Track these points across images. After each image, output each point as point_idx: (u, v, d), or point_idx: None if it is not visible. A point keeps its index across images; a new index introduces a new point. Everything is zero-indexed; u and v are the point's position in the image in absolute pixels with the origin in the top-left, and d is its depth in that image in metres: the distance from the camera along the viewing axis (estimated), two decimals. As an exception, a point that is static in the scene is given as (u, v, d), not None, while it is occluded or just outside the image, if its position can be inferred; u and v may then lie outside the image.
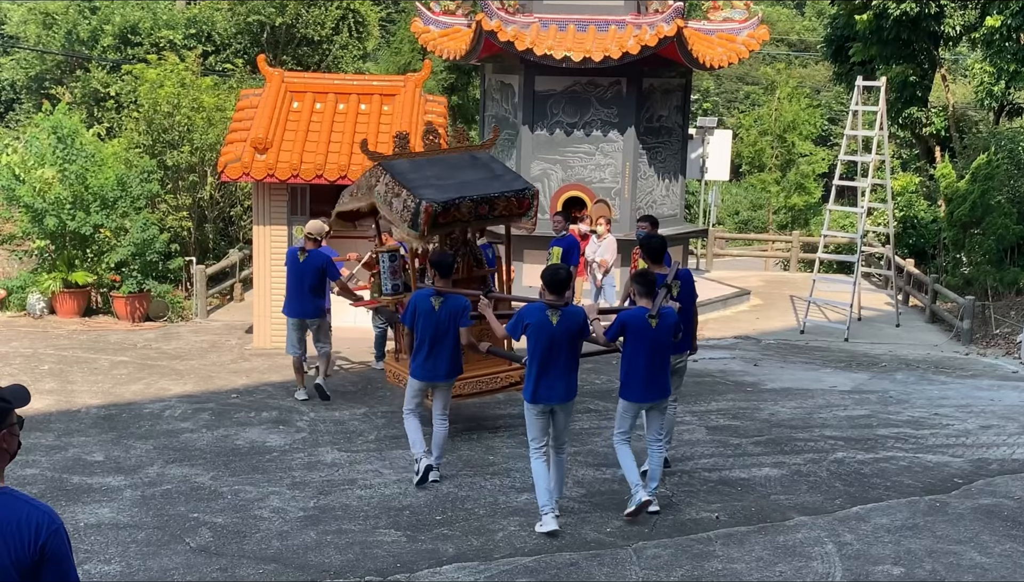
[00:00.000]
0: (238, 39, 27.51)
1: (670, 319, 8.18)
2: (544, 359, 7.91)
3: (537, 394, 7.97)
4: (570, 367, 8.04)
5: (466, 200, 9.74)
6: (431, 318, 8.88)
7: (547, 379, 7.94)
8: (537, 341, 7.91)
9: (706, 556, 7.63)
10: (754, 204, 39.48)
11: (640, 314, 8.11)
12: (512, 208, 10.14)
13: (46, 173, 16.42)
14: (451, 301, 8.97)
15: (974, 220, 18.84)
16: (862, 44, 23.07)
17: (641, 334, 8.08)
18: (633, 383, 8.20)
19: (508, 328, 8.31)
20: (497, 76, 18.45)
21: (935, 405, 12.24)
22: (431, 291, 9.00)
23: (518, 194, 10.10)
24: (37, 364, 13.31)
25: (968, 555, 7.78)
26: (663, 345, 8.18)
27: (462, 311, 8.98)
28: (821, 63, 39.88)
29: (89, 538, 7.78)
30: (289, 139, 14.08)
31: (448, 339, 8.95)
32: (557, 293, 7.98)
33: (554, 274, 8.07)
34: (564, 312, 7.95)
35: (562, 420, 8.16)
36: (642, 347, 8.09)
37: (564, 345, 7.95)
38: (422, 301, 8.95)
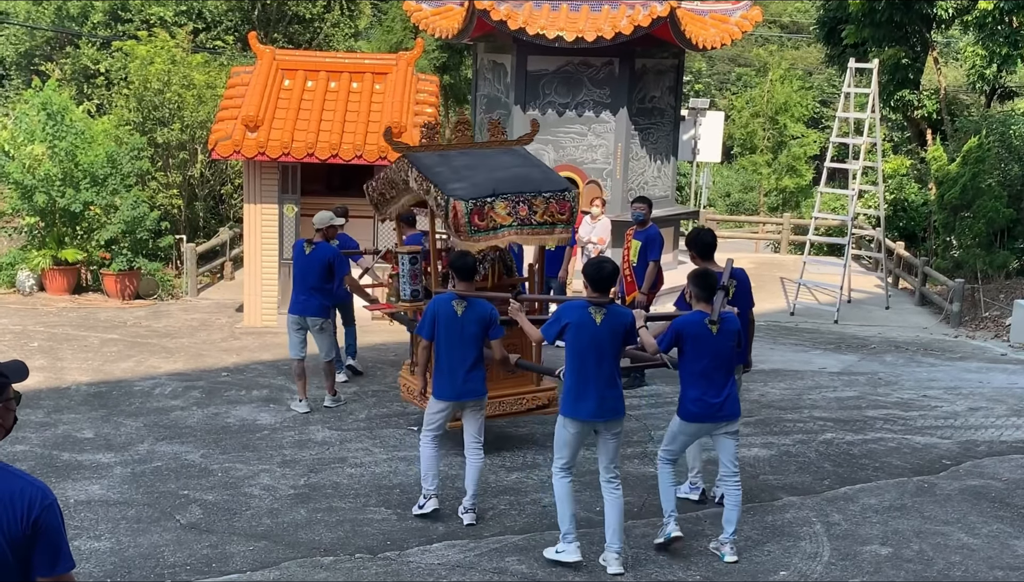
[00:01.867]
0: (229, 16, 27.37)
1: (732, 325, 7.17)
2: (589, 365, 6.90)
3: (578, 407, 6.93)
4: (615, 375, 7.01)
5: (500, 199, 8.63)
6: (454, 325, 7.70)
7: (595, 390, 6.89)
8: (580, 344, 6.91)
9: (695, 535, 7.67)
10: (745, 186, 39.48)
11: (698, 319, 7.09)
12: (553, 213, 8.88)
13: (36, 150, 16.34)
14: (477, 307, 7.80)
15: (964, 203, 18.88)
16: (854, 26, 23.04)
17: (702, 343, 7.05)
18: (696, 401, 7.13)
19: (543, 329, 7.31)
20: (489, 55, 18.40)
21: (924, 387, 12.30)
22: (452, 295, 7.84)
23: (558, 195, 8.93)
24: (27, 341, 13.29)
25: (955, 536, 7.83)
26: (727, 355, 7.14)
27: (490, 319, 7.80)
28: (813, 45, 39.85)
29: (79, 515, 7.78)
30: (280, 117, 14.03)
31: (473, 349, 7.76)
32: (602, 290, 7.06)
33: (599, 268, 7.08)
34: (610, 310, 6.96)
35: (612, 444, 7.06)
36: (703, 357, 7.06)
37: (609, 349, 6.95)
38: (443, 306, 7.75)
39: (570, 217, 9.05)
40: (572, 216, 9.08)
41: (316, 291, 10.47)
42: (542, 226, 8.90)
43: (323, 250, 10.50)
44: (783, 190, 34.98)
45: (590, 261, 7.31)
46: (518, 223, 8.75)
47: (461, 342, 7.72)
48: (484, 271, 9.46)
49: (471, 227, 8.53)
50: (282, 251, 14.03)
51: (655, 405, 11.09)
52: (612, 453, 7.07)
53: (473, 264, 8.08)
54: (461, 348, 7.72)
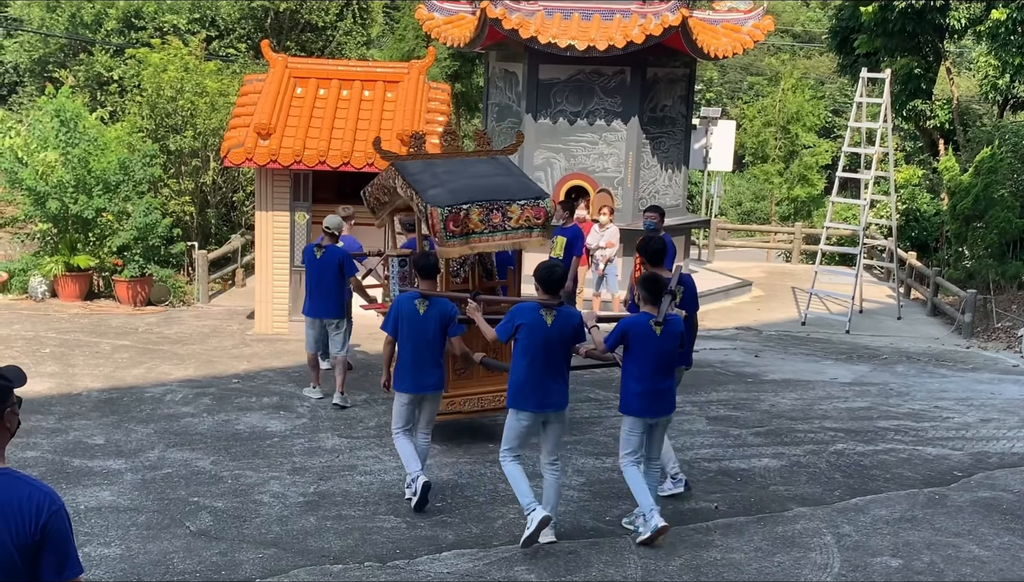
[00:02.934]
0: (242, 24, 27.45)
1: (676, 327, 7.58)
2: (538, 363, 7.39)
3: (529, 400, 7.44)
4: (564, 372, 7.55)
5: (474, 205, 9.02)
6: (415, 323, 8.15)
7: (540, 385, 7.42)
8: (530, 343, 7.40)
9: (705, 545, 7.65)
10: (757, 195, 39.44)
11: (643, 320, 7.51)
12: (528, 218, 9.29)
13: (49, 156, 16.40)
14: (438, 305, 8.25)
15: (977, 213, 18.83)
16: (867, 36, 23.02)
17: (645, 342, 7.46)
18: (639, 396, 7.54)
19: (498, 329, 7.67)
20: (501, 64, 18.43)
21: (935, 398, 12.26)
22: (415, 294, 8.29)
23: (532, 202, 9.29)
24: (39, 347, 13.33)
25: (966, 548, 7.80)
26: (669, 354, 7.55)
27: (450, 317, 8.27)
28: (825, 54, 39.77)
29: (89, 521, 7.80)
30: (292, 125, 14.06)
31: (435, 347, 8.22)
32: (551, 292, 7.51)
33: (549, 271, 7.55)
34: (559, 312, 7.47)
35: (556, 432, 7.63)
36: (647, 356, 7.47)
37: (558, 347, 7.46)
38: (406, 305, 8.23)
39: (545, 222, 9.42)
40: (548, 221, 9.46)
41: (333, 292, 10.95)
42: (517, 230, 9.32)
43: (333, 253, 10.94)
44: (795, 199, 34.93)
45: (541, 264, 7.72)
46: (490, 230, 9.18)
47: (423, 339, 8.17)
48: (464, 274, 10.04)
49: (446, 233, 8.95)
50: (293, 258, 14.05)
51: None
52: (556, 440, 7.66)
53: (435, 264, 8.50)
54: (422, 345, 8.18)
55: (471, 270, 10.09)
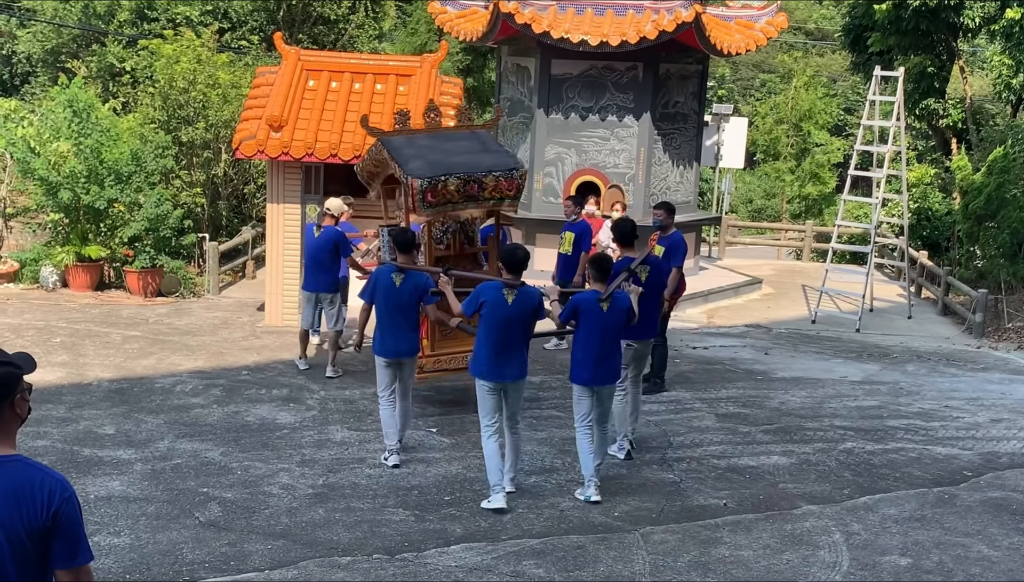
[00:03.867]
0: (254, 16, 27.46)
1: (622, 303, 8.23)
2: (498, 338, 8.05)
3: (489, 370, 8.11)
4: (522, 347, 8.20)
5: (452, 178, 9.67)
6: (391, 293, 8.86)
7: (500, 358, 8.06)
8: (492, 319, 8.06)
9: (713, 542, 7.65)
10: (768, 192, 39.34)
11: (592, 297, 8.20)
12: (502, 189, 9.97)
13: (61, 146, 16.44)
14: (412, 277, 8.96)
15: (989, 213, 18.77)
16: (880, 34, 22.94)
17: (592, 316, 8.14)
18: (583, 366, 8.23)
19: (464, 305, 8.38)
20: (513, 59, 18.41)
21: (946, 397, 12.23)
22: (392, 267, 9.00)
23: (506, 174, 9.95)
24: (49, 337, 13.36)
25: (976, 547, 7.78)
26: (614, 329, 8.22)
27: (424, 288, 8.99)
28: (838, 52, 39.66)
29: (99, 510, 7.82)
30: (304, 117, 14.06)
31: (409, 315, 8.95)
32: (514, 272, 8.15)
33: (512, 254, 8.24)
34: (520, 292, 8.10)
35: (515, 398, 8.31)
36: (593, 330, 8.15)
37: (518, 325, 8.11)
38: (383, 277, 8.94)
39: (517, 193, 10.12)
40: (519, 192, 10.15)
41: (328, 269, 11.76)
42: (489, 200, 10.05)
43: (330, 232, 11.68)
44: (806, 197, 34.84)
45: (505, 247, 8.61)
46: (465, 199, 9.87)
47: (398, 308, 8.89)
48: (447, 241, 10.64)
49: (424, 203, 9.63)
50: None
51: (675, 411, 11.06)
52: (515, 406, 8.35)
53: (412, 239, 9.27)
54: (398, 313, 8.90)
55: (453, 237, 10.71)
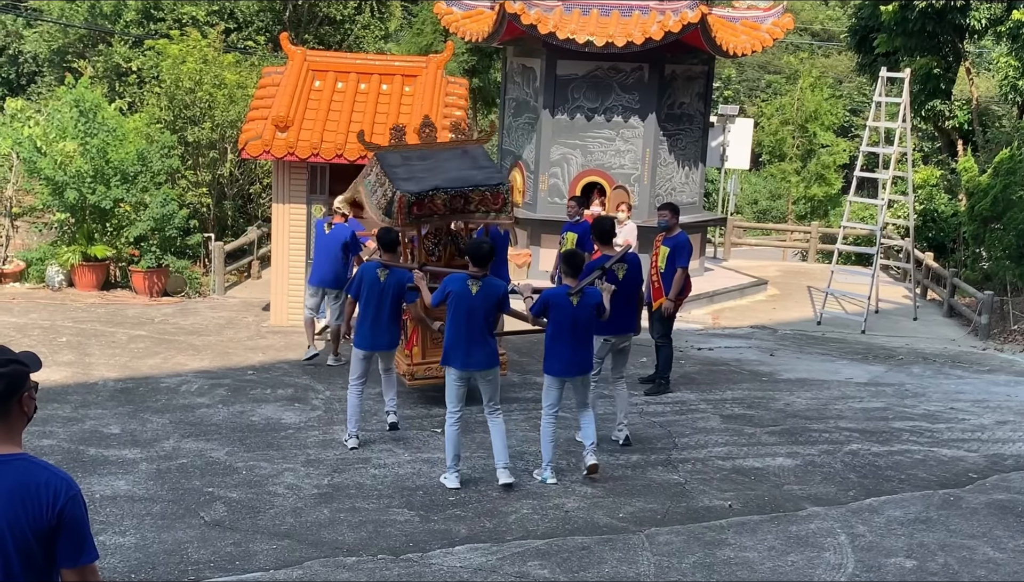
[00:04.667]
0: (260, 17, 27.49)
1: (592, 299, 8.54)
2: (462, 326, 8.37)
3: (454, 357, 8.42)
4: (486, 335, 8.46)
5: (440, 193, 10.13)
6: (375, 288, 9.37)
7: (465, 346, 8.37)
8: (456, 309, 8.38)
9: (718, 544, 7.64)
10: (773, 194, 39.32)
11: (562, 292, 8.53)
12: (487, 203, 10.42)
13: (67, 146, 16.46)
14: (395, 274, 9.48)
15: (995, 215, 18.72)
16: (887, 35, 22.92)
17: (562, 311, 8.45)
18: (554, 358, 8.55)
19: (433, 296, 8.77)
20: (519, 59, 18.41)
21: (951, 399, 12.21)
22: (377, 264, 9.56)
23: (492, 189, 10.38)
24: (55, 336, 13.39)
25: (981, 550, 7.77)
26: (583, 322, 8.51)
27: (405, 284, 9.47)
28: (844, 53, 39.65)
29: (105, 510, 7.83)
30: (310, 118, 14.08)
31: (389, 310, 9.46)
32: (479, 265, 8.47)
33: (478, 247, 8.60)
34: (484, 283, 8.43)
35: (488, 387, 8.56)
36: (563, 323, 8.45)
37: (481, 314, 8.40)
38: (368, 273, 9.48)
39: (502, 207, 10.50)
40: (505, 205, 10.51)
41: (335, 265, 12.09)
42: (475, 213, 10.50)
43: (341, 230, 12.08)
44: (811, 198, 34.80)
45: (471, 241, 9.11)
46: (451, 211, 10.35)
47: (380, 302, 9.40)
48: (439, 252, 10.97)
49: (410, 215, 10.06)
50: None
51: (680, 412, 11.06)
52: (491, 393, 8.58)
53: (396, 238, 9.82)
54: (380, 307, 9.40)
55: (445, 248, 11.07)
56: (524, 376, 12.07)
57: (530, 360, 12.58)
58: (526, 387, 11.47)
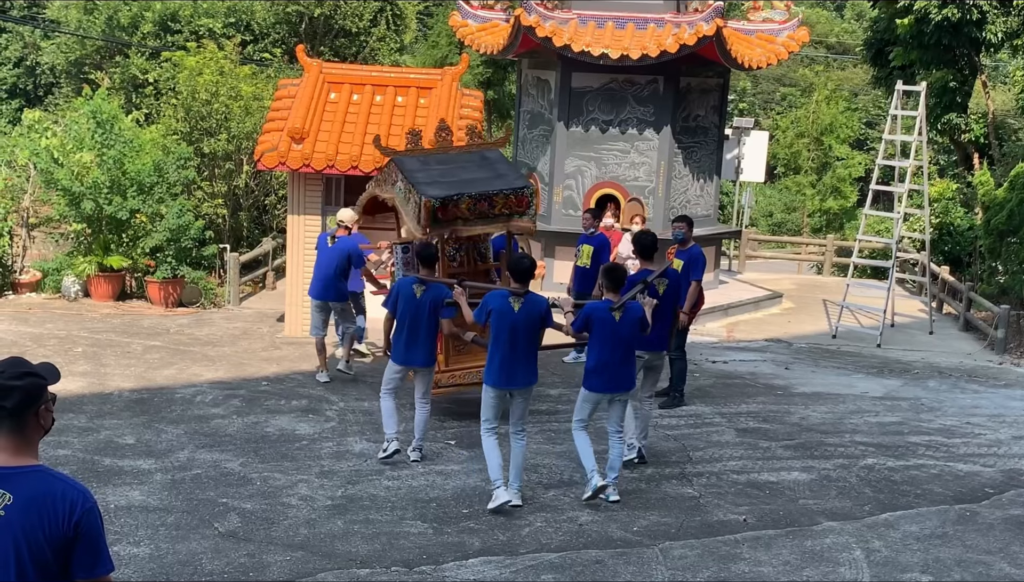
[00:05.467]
0: (276, 29, 27.63)
1: (634, 314, 8.41)
2: (505, 344, 8.19)
3: (498, 378, 8.25)
4: (530, 353, 8.32)
5: (464, 197, 10.03)
6: (411, 304, 9.19)
7: (507, 364, 8.21)
8: (499, 326, 8.21)
9: (733, 558, 7.61)
10: (788, 206, 39.25)
11: (604, 306, 8.38)
12: (511, 205, 10.32)
13: (84, 157, 16.56)
14: (432, 290, 9.27)
15: (1011, 228, 18.65)
16: (902, 48, 22.88)
17: (604, 326, 8.31)
18: (596, 374, 8.39)
19: (474, 313, 8.57)
20: (534, 72, 18.44)
21: (967, 414, 12.14)
22: (414, 279, 9.35)
23: (516, 191, 10.30)
24: (71, 346, 13.44)
25: (998, 565, 7.72)
26: (626, 338, 8.37)
27: (443, 301, 9.25)
28: (860, 66, 39.58)
29: (119, 520, 7.84)
30: (326, 130, 14.13)
31: (427, 326, 9.25)
32: (520, 281, 8.31)
33: (518, 263, 8.48)
34: (527, 300, 8.25)
35: (520, 405, 8.42)
36: (605, 339, 8.31)
37: (524, 332, 8.23)
38: (404, 288, 9.31)
39: (526, 209, 10.39)
40: (529, 208, 10.41)
41: (337, 279, 11.82)
42: (500, 217, 10.34)
43: (345, 243, 11.84)
44: (827, 211, 34.74)
45: (512, 256, 8.81)
46: (475, 216, 10.20)
47: (417, 317, 9.21)
48: (460, 258, 10.85)
49: (435, 221, 9.91)
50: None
51: (694, 426, 11.03)
52: (520, 412, 8.44)
53: (435, 253, 9.62)
54: (417, 323, 9.22)
55: (466, 254, 10.95)
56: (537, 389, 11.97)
57: (544, 372, 12.55)
58: (539, 399, 11.44)
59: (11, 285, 17.15)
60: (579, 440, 8.57)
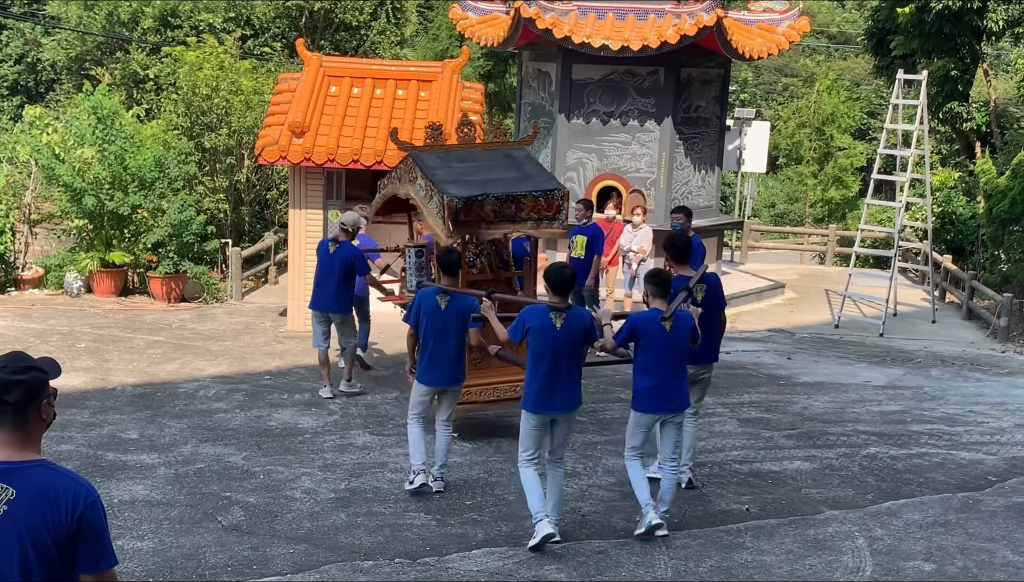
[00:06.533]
0: (277, 23, 27.60)
1: (686, 322, 7.61)
2: (546, 365, 7.36)
3: (538, 403, 7.42)
4: (573, 374, 7.49)
5: (489, 197, 9.26)
6: (436, 317, 8.36)
7: (549, 387, 7.38)
8: (539, 346, 7.37)
9: (735, 547, 7.62)
10: (790, 197, 39.22)
11: (652, 316, 7.55)
12: (540, 210, 9.53)
13: (86, 153, 16.56)
14: (457, 301, 8.46)
15: (1014, 217, 18.62)
16: (903, 37, 22.82)
17: (654, 338, 7.50)
18: (647, 392, 7.59)
19: (509, 331, 7.63)
20: (534, 64, 18.42)
21: (970, 402, 12.15)
22: (436, 289, 8.52)
23: (546, 194, 9.53)
24: (74, 342, 13.46)
25: (1000, 553, 7.73)
26: (679, 350, 7.59)
27: (469, 313, 8.46)
28: (861, 56, 39.51)
29: (123, 514, 7.86)
30: (326, 123, 14.13)
31: (454, 340, 8.43)
32: (561, 294, 7.46)
33: (559, 273, 7.48)
34: (569, 315, 7.42)
35: (562, 431, 7.61)
36: (655, 352, 7.51)
37: (567, 351, 7.40)
38: (427, 299, 8.44)
39: (556, 214, 9.62)
40: (560, 213, 9.64)
41: (339, 288, 11.08)
42: (527, 221, 9.60)
43: (346, 249, 11.09)
44: (829, 201, 34.72)
45: (551, 266, 7.65)
46: (501, 219, 9.44)
47: (443, 333, 8.38)
48: (480, 264, 10.13)
49: (456, 222, 9.18)
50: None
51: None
52: (561, 439, 7.63)
53: (458, 260, 8.75)
54: (442, 338, 8.39)
55: (486, 261, 10.23)
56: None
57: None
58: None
59: (13, 281, 17.16)
60: (633, 471, 7.75)
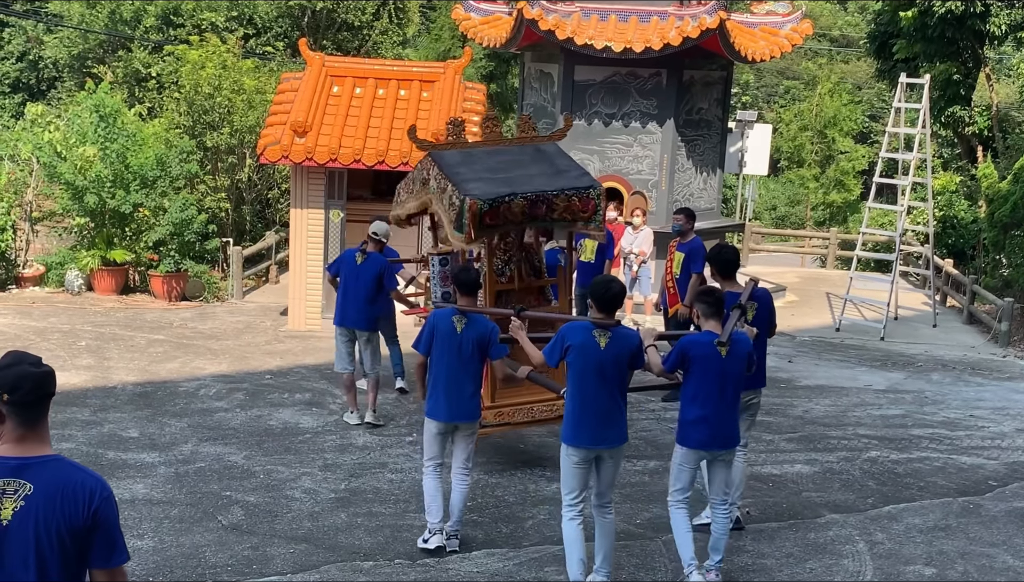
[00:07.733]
0: (279, 23, 27.61)
1: (744, 347, 6.72)
2: (589, 392, 6.45)
3: (579, 434, 6.48)
4: (620, 402, 6.58)
5: (517, 198, 8.36)
6: (452, 342, 7.31)
7: (595, 417, 6.45)
8: (582, 369, 6.45)
9: (736, 550, 7.61)
10: (792, 200, 39.25)
11: (706, 340, 6.65)
12: (575, 210, 8.65)
13: (87, 151, 16.56)
14: (476, 324, 7.42)
15: (1015, 221, 18.62)
16: (906, 41, 22.82)
17: (708, 364, 6.60)
18: (695, 424, 6.68)
19: (545, 352, 6.72)
20: (537, 65, 18.41)
21: (971, 407, 12.14)
22: (453, 310, 7.46)
23: (581, 193, 8.64)
24: (74, 340, 13.45)
25: (1001, 558, 7.72)
26: (734, 378, 6.69)
27: (490, 338, 7.42)
28: (863, 59, 39.53)
29: (123, 513, 7.74)
30: (328, 123, 14.13)
31: (470, 368, 7.39)
32: (608, 311, 6.53)
33: (606, 288, 6.53)
34: (615, 334, 6.49)
35: (610, 471, 6.64)
36: (710, 380, 6.62)
37: (614, 374, 6.48)
38: (442, 321, 7.37)
39: (592, 214, 8.77)
40: (595, 214, 8.80)
41: (368, 303, 10.14)
42: (559, 222, 8.79)
43: (375, 261, 10.17)
44: (830, 204, 34.73)
45: (597, 279, 6.84)
46: (530, 220, 8.65)
47: (458, 360, 7.33)
48: (509, 272, 9.27)
49: (481, 225, 8.34)
50: (327, 256, 14.07)
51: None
52: (609, 479, 6.68)
53: (476, 279, 7.77)
54: (457, 367, 7.33)
55: (516, 268, 9.33)
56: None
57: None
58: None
59: (15, 279, 17.17)
60: (677, 522, 6.80)
